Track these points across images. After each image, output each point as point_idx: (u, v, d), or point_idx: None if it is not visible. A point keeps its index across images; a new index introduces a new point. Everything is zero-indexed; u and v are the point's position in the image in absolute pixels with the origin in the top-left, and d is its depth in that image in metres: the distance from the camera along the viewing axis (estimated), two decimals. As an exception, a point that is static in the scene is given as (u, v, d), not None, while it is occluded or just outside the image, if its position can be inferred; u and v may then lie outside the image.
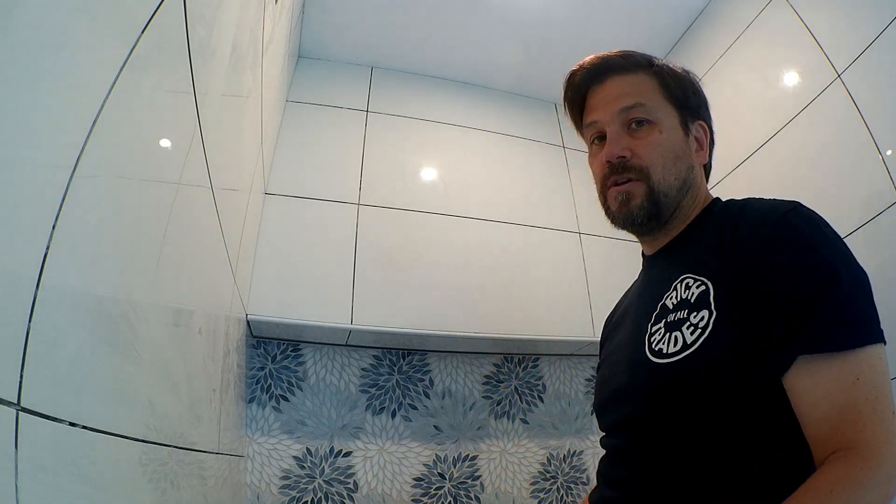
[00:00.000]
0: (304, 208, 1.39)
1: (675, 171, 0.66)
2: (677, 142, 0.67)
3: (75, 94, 0.35)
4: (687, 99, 0.70)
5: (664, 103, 0.68)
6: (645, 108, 0.67)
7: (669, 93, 0.69)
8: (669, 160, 0.66)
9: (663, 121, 0.68)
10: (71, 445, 0.35)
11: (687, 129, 0.69)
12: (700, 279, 0.58)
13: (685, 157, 0.68)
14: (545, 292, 1.49)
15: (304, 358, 1.38)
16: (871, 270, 0.96)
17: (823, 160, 1.12)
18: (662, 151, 0.66)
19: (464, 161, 1.64)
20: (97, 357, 0.39)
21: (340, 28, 1.60)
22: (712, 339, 0.54)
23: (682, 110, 0.69)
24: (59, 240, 0.32)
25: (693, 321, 0.56)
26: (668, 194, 0.66)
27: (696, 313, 0.56)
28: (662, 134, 0.67)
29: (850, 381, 0.49)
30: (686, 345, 0.55)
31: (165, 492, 0.55)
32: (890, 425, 0.48)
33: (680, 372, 0.55)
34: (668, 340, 0.58)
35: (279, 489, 1.24)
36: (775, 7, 1.29)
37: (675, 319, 0.58)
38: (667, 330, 0.59)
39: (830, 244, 0.55)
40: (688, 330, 0.56)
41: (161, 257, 0.53)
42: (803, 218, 0.56)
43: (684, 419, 0.55)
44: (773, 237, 0.55)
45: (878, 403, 0.48)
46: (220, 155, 0.75)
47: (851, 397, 0.48)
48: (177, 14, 0.52)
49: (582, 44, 1.66)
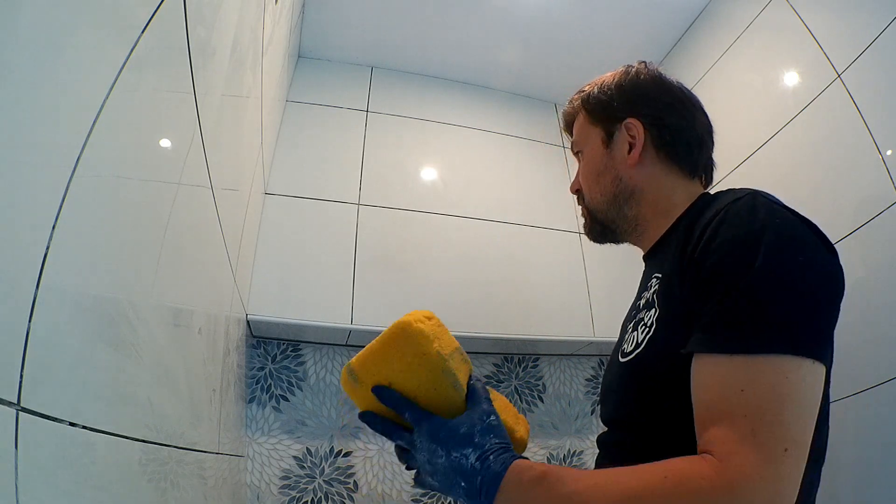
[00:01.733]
0: (304, 208, 1.39)
1: (599, 189, 0.71)
2: (596, 160, 0.72)
3: (75, 94, 0.35)
4: (606, 110, 0.71)
5: (589, 128, 0.74)
6: (577, 143, 0.76)
7: (593, 116, 0.73)
8: (592, 180, 0.72)
9: (586, 147, 0.74)
10: (71, 445, 0.35)
11: (610, 140, 0.70)
12: (659, 276, 0.60)
13: (607, 170, 0.70)
14: (545, 292, 1.49)
15: (304, 358, 1.38)
16: (871, 270, 0.97)
17: (823, 160, 1.12)
18: (586, 175, 0.74)
19: (464, 161, 1.64)
20: (97, 357, 0.39)
21: (340, 28, 1.60)
22: (654, 336, 0.55)
23: (604, 124, 0.71)
24: (59, 240, 0.32)
25: (645, 320, 0.58)
26: (599, 209, 0.72)
27: (649, 311, 0.58)
28: (584, 160, 0.74)
29: (734, 391, 0.43)
30: (638, 343, 0.57)
31: (165, 492, 0.55)
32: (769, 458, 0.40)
33: (634, 369, 0.57)
34: (631, 340, 0.60)
35: (279, 489, 1.24)
36: (775, 7, 1.29)
37: (638, 319, 0.61)
38: (632, 330, 0.61)
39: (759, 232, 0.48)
40: (641, 329, 0.58)
41: (161, 257, 0.53)
42: (746, 205, 0.51)
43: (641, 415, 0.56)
44: (709, 229, 0.51)
45: (760, 427, 0.41)
46: (220, 155, 0.75)
47: (731, 408, 0.43)
48: (177, 14, 0.52)
49: (582, 44, 1.66)
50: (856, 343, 0.95)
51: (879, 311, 0.94)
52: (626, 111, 0.69)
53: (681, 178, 0.68)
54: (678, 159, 0.68)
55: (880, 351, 0.93)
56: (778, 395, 0.42)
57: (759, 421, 0.41)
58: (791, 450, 0.41)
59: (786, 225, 0.49)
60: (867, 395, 0.93)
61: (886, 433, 0.90)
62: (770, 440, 0.41)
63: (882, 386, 0.92)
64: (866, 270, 0.98)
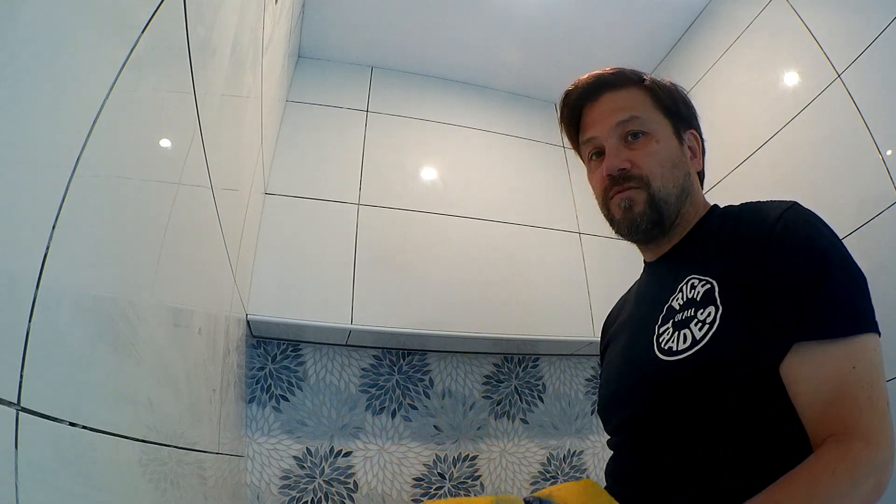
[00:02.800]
0: (304, 208, 1.39)
1: (673, 179, 0.69)
2: (673, 150, 0.70)
3: (75, 94, 0.35)
4: (678, 110, 0.73)
5: (657, 115, 0.71)
6: (640, 121, 0.70)
7: (661, 105, 0.72)
8: (667, 168, 0.69)
9: (658, 131, 0.70)
10: (71, 445, 0.35)
11: (681, 138, 0.72)
12: (705, 279, 0.60)
13: (681, 164, 0.70)
14: (545, 292, 1.49)
15: (304, 358, 1.38)
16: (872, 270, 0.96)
17: (823, 160, 1.12)
18: (660, 160, 0.68)
19: (464, 161, 1.64)
20: (97, 357, 0.39)
21: (340, 28, 1.60)
22: (719, 334, 0.55)
23: (674, 120, 0.72)
24: (59, 240, 0.32)
25: (700, 318, 0.58)
26: (668, 201, 0.68)
27: (703, 310, 0.58)
28: (659, 144, 0.69)
29: (847, 368, 0.50)
30: (695, 340, 0.56)
31: (165, 492, 0.55)
32: (883, 415, 0.49)
33: (691, 367, 0.56)
34: (677, 338, 0.59)
35: (279, 489, 1.24)
36: (775, 7, 1.29)
37: (683, 318, 0.60)
38: (675, 329, 0.60)
39: (825, 240, 0.56)
40: (696, 326, 0.57)
41: (161, 257, 0.53)
42: (800, 215, 0.58)
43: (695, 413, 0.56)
44: (772, 234, 0.57)
45: (872, 391, 0.49)
46: (220, 155, 0.75)
47: (848, 383, 0.49)
48: (177, 14, 0.52)
49: (582, 44, 1.66)
50: (856, 343, 0.95)
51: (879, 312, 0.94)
52: (690, 121, 0.75)
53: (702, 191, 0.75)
54: (702, 178, 0.76)
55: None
56: (876, 366, 0.51)
57: (871, 388, 0.49)
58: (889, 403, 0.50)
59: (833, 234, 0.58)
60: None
61: (886, 433, 0.90)
62: (881, 401, 0.49)
63: (882, 386, 0.92)
64: (866, 270, 0.97)
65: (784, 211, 0.58)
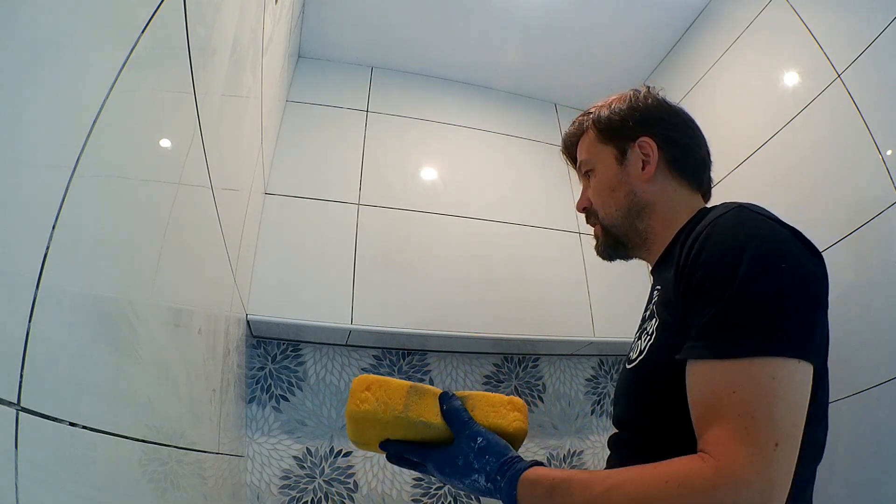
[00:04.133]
0: (304, 208, 1.39)
1: (613, 203, 0.74)
2: (610, 176, 0.75)
3: (75, 94, 0.35)
4: (618, 130, 0.75)
5: (600, 148, 0.77)
6: (587, 161, 0.79)
7: (603, 135, 0.76)
8: (606, 195, 0.75)
9: (598, 163, 0.77)
10: (71, 445, 0.35)
11: (624, 157, 0.74)
12: (658, 289, 0.65)
13: (620, 185, 0.74)
14: (545, 292, 1.49)
15: (304, 358, 1.38)
16: (871, 270, 0.97)
17: (823, 160, 1.12)
18: (600, 191, 0.76)
19: (464, 161, 1.64)
20: (97, 357, 0.39)
21: (340, 28, 1.60)
22: (655, 344, 0.59)
23: (617, 143, 0.75)
24: (59, 240, 0.32)
25: (647, 329, 0.62)
26: (615, 224, 0.74)
27: (650, 322, 0.62)
28: (597, 176, 0.77)
29: (725, 392, 0.46)
30: (641, 351, 0.62)
31: (165, 492, 0.55)
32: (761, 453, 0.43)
33: (638, 375, 0.61)
34: (636, 349, 0.64)
35: (279, 489, 1.24)
36: (775, 7, 1.29)
37: (643, 328, 0.65)
38: (638, 339, 0.66)
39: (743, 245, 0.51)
40: (644, 338, 0.63)
41: (161, 257, 0.53)
42: (731, 220, 0.55)
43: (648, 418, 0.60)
44: (697, 243, 0.56)
45: (752, 423, 0.44)
46: (220, 155, 0.75)
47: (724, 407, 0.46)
48: (177, 14, 0.52)
49: (582, 44, 1.66)
50: (854, 343, 0.95)
51: (879, 312, 0.94)
52: (639, 130, 0.74)
53: (687, 193, 0.73)
54: (687, 175, 0.73)
55: (879, 351, 0.93)
56: (767, 395, 0.45)
57: (751, 419, 0.44)
58: (781, 444, 0.43)
59: (768, 235, 0.53)
60: (866, 396, 0.93)
61: (885, 433, 0.90)
62: (762, 437, 0.43)
63: (881, 386, 0.92)
64: (866, 270, 0.98)
65: (716, 218, 0.56)
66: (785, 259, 0.51)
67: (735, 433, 0.44)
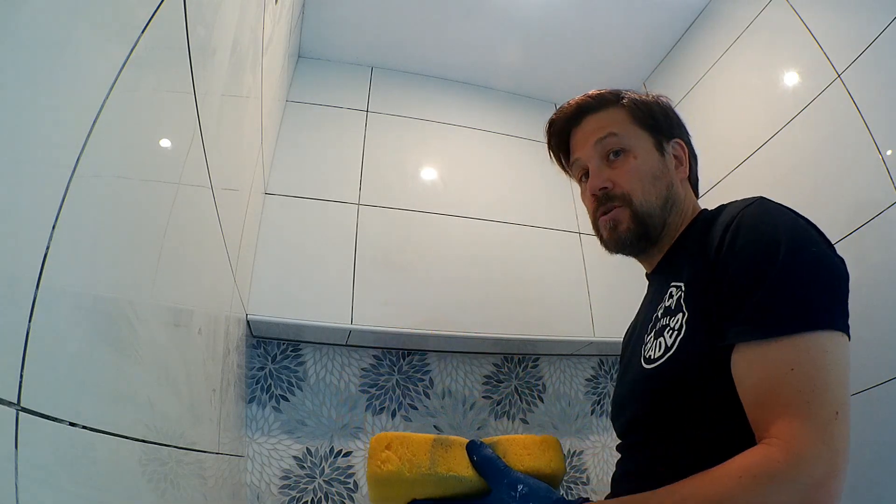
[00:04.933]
0: (304, 208, 1.39)
1: (655, 192, 0.71)
2: (653, 163, 0.72)
3: (75, 94, 0.35)
4: (657, 122, 0.74)
5: (636, 130, 0.74)
6: (618, 138, 0.73)
7: (640, 120, 0.74)
8: (648, 182, 0.71)
9: (637, 146, 0.73)
10: (71, 445, 0.35)
11: (662, 150, 0.74)
12: (679, 285, 0.62)
13: (663, 176, 0.72)
14: (545, 292, 1.49)
15: (304, 358, 1.38)
16: (871, 270, 0.97)
17: (823, 160, 1.12)
18: (640, 175, 0.71)
19: (464, 161, 1.64)
20: (97, 357, 0.39)
21: (340, 28, 1.60)
22: (686, 339, 0.57)
23: (654, 133, 0.74)
24: (59, 240, 0.32)
25: (672, 325, 0.60)
26: (651, 214, 0.70)
27: (675, 317, 0.60)
28: (638, 159, 0.72)
29: (783, 370, 0.47)
30: (667, 347, 0.59)
31: (165, 492, 0.55)
32: (825, 424, 0.44)
33: (663, 373, 0.58)
34: (655, 347, 0.62)
35: (279, 489, 1.24)
36: (775, 7, 1.29)
37: (661, 326, 0.62)
38: (655, 337, 0.63)
39: (777, 234, 0.53)
40: (668, 334, 0.60)
41: (161, 257, 0.53)
42: (759, 209, 0.57)
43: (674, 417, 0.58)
44: (727, 235, 0.56)
45: (813, 397, 0.45)
46: (220, 155, 0.75)
47: (783, 386, 0.46)
48: (177, 14, 0.52)
49: (582, 44, 1.66)
50: (855, 343, 0.95)
51: (879, 312, 0.94)
52: (674, 131, 0.76)
53: (693, 200, 0.76)
54: (695, 184, 0.78)
55: (880, 351, 0.93)
56: (822, 367, 0.46)
57: (811, 393, 0.45)
58: (840, 412, 0.45)
59: (796, 223, 0.55)
60: (866, 395, 0.93)
61: (886, 433, 0.90)
62: (823, 408, 0.45)
63: (882, 386, 0.92)
64: (866, 270, 0.98)
65: (743, 208, 0.57)
66: (814, 244, 0.54)
67: (798, 410, 0.45)
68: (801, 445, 0.43)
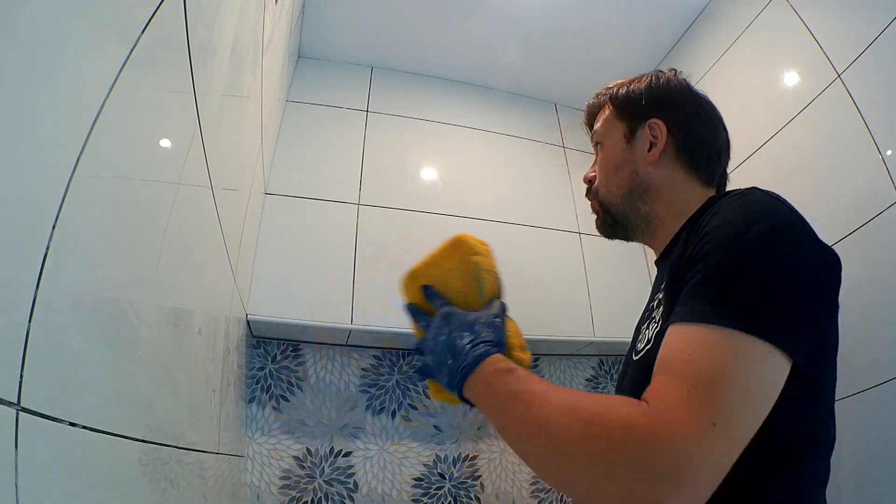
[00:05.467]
0: (304, 208, 1.39)
1: (616, 182, 0.72)
2: (616, 153, 0.73)
3: (75, 94, 0.35)
4: (636, 106, 0.73)
5: (614, 123, 0.75)
6: (598, 134, 0.77)
7: (619, 112, 0.75)
8: (610, 173, 0.73)
9: (607, 139, 0.75)
10: (71, 445, 0.35)
11: (632, 136, 0.72)
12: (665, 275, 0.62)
13: (625, 164, 0.72)
14: (545, 292, 1.49)
15: (304, 358, 1.38)
16: (870, 271, 0.97)
17: (823, 160, 1.12)
18: (605, 167, 0.75)
19: (464, 161, 1.64)
20: (97, 357, 0.39)
21: (340, 28, 1.60)
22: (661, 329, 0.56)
23: (627, 121, 0.73)
24: (59, 240, 0.32)
25: (654, 316, 0.60)
26: (613, 203, 0.73)
27: (659, 308, 0.60)
28: (604, 152, 0.75)
29: (685, 352, 0.44)
30: (648, 339, 0.59)
31: (165, 492, 0.55)
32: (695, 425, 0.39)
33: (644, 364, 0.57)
34: (643, 338, 0.62)
35: (279, 489, 1.24)
36: (775, 7, 1.29)
37: (651, 318, 0.63)
38: (645, 329, 0.63)
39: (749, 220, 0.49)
40: (652, 325, 0.60)
41: (161, 257, 0.53)
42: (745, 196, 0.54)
43: None
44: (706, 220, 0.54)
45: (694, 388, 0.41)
46: (220, 155, 0.75)
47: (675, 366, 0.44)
48: (177, 14, 0.52)
49: (582, 44, 1.66)
50: (856, 343, 0.95)
51: (879, 312, 0.94)
52: (653, 112, 0.72)
53: (698, 185, 0.70)
54: (698, 166, 0.70)
55: (880, 351, 0.93)
56: (720, 368, 0.42)
57: (696, 385, 0.41)
58: (719, 426, 0.39)
59: (779, 217, 0.50)
60: (867, 395, 0.93)
61: (886, 433, 0.90)
62: (700, 408, 0.40)
63: (882, 386, 0.92)
64: (866, 270, 0.98)
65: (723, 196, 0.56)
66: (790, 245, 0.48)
67: (677, 392, 0.41)
68: (660, 423, 0.40)
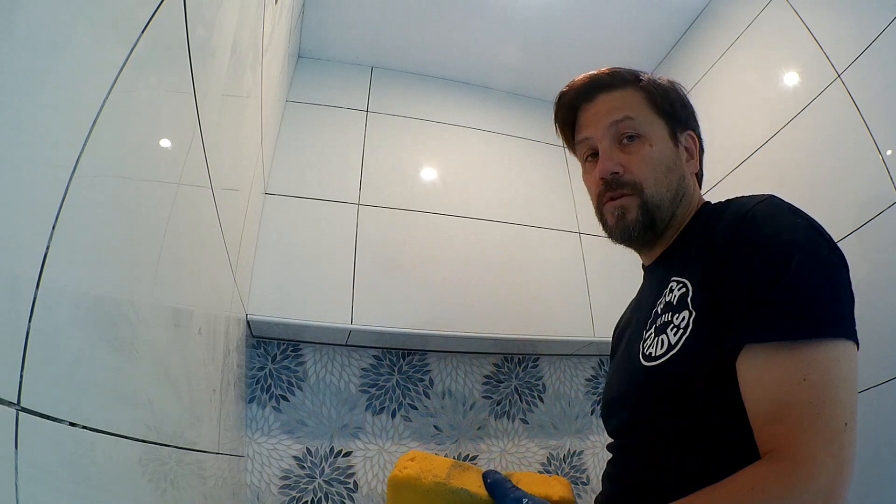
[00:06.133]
0: (304, 208, 1.39)
1: (666, 184, 0.68)
2: (668, 154, 0.69)
3: (75, 94, 0.35)
4: (675, 111, 0.71)
5: (653, 116, 0.70)
6: (634, 122, 0.69)
7: (657, 106, 0.70)
8: (661, 173, 0.68)
9: (653, 134, 0.69)
10: (71, 445, 0.35)
11: (676, 141, 0.71)
12: (682, 281, 0.60)
13: (676, 168, 0.69)
14: (545, 292, 1.49)
15: (304, 358, 1.38)
16: (870, 271, 0.97)
17: (823, 160, 1.12)
18: (654, 165, 0.67)
19: (464, 161, 1.64)
20: (97, 357, 0.39)
21: (340, 28, 1.60)
22: (692, 338, 0.55)
23: (670, 122, 0.70)
24: (59, 240, 0.32)
25: (676, 322, 0.58)
26: (661, 206, 0.67)
27: (678, 314, 0.58)
28: (653, 147, 0.68)
29: (795, 381, 0.46)
30: (671, 345, 0.57)
31: (165, 492, 0.55)
32: (834, 436, 0.43)
33: (667, 372, 0.56)
34: (656, 344, 0.59)
35: (279, 489, 1.24)
36: (775, 7, 1.29)
37: (662, 323, 0.60)
38: (656, 334, 0.61)
39: (793, 233, 0.52)
40: (671, 331, 0.58)
41: (161, 257, 0.53)
42: (770, 208, 0.55)
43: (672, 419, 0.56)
44: (739, 231, 0.55)
45: (823, 409, 0.44)
46: (220, 155, 0.75)
47: (794, 398, 0.45)
48: (177, 14, 0.52)
49: (582, 44, 1.66)
50: (856, 343, 0.95)
51: (880, 312, 0.94)
52: (689, 122, 0.73)
53: (699, 192, 0.74)
54: (700, 175, 0.75)
55: (880, 351, 0.93)
56: (835, 378, 0.45)
57: (823, 405, 0.44)
58: (850, 424, 0.44)
59: (810, 226, 0.54)
60: (867, 395, 0.93)
61: (886, 433, 0.90)
62: (833, 420, 0.44)
63: (882, 386, 0.92)
64: (866, 270, 0.98)
65: (754, 205, 0.56)
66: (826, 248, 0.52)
67: (809, 423, 0.44)
68: (812, 459, 0.43)
